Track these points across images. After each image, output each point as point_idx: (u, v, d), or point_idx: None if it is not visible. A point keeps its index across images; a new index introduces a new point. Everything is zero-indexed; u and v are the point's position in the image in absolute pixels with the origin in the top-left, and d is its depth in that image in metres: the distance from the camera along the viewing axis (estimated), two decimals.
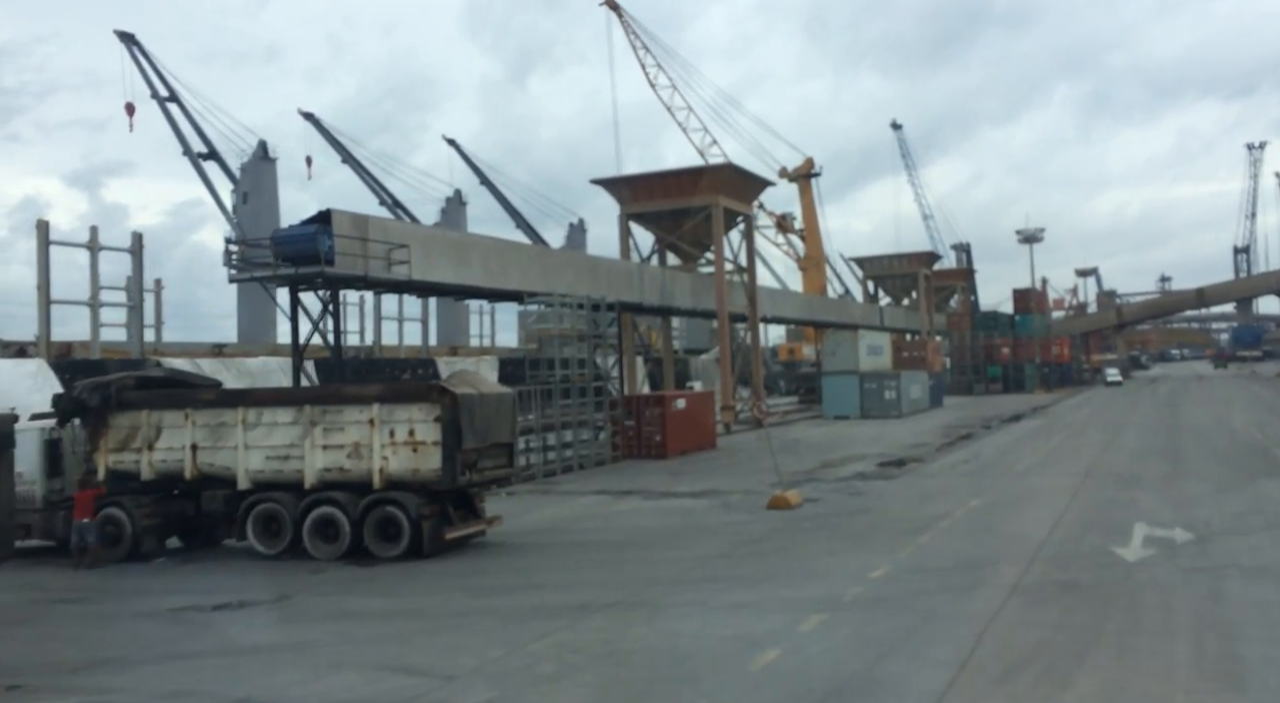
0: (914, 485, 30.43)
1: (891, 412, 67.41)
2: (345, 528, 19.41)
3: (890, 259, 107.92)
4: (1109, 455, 36.82)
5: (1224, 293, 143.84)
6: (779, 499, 26.03)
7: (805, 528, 22.41)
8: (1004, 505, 25.07)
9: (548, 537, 22.39)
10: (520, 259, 41.43)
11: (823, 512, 25.04)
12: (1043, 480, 30.08)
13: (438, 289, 38.13)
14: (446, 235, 36.53)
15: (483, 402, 20.09)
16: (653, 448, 42.82)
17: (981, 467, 35.08)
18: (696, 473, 36.38)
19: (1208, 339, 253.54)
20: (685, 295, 57.41)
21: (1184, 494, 25.90)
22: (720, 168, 56.61)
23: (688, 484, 32.53)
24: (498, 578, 17.68)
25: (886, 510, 25.08)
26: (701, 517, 25.21)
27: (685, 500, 28.67)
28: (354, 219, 32.12)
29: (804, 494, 28.55)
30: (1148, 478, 29.64)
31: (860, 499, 27.43)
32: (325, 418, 19.79)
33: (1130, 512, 23.05)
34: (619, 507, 27.90)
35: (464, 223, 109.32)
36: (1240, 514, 22.44)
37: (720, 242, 57.42)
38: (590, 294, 44.41)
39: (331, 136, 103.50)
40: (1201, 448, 38.37)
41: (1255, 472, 30.19)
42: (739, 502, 27.48)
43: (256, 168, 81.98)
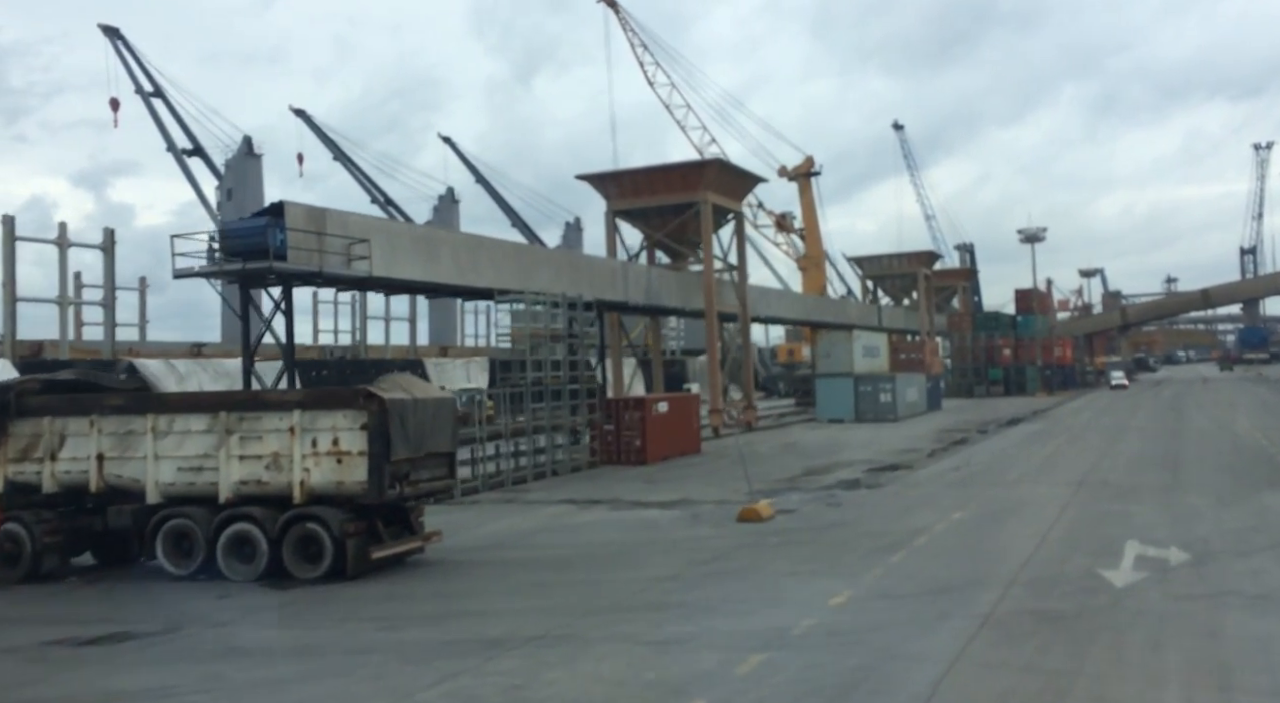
0: (898, 495, 28.79)
1: (887, 415, 65.73)
2: (262, 546, 17.78)
3: (890, 259, 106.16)
4: (1106, 463, 35.13)
5: (1229, 294, 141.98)
6: (749, 511, 24.41)
7: (771, 544, 20.78)
8: (989, 519, 23.42)
9: (493, 554, 20.77)
10: (494, 256, 39.81)
11: (794, 525, 23.40)
12: (1033, 490, 28.42)
13: (404, 287, 36.52)
14: (413, 230, 34.95)
15: (417, 407, 18.46)
16: (632, 453, 41.22)
17: (971, 474, 33.42)
18: (673, 480, 34.75)
19: (1214, 341, 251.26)
20: (673, 295, 55.77)
21: (1182, 507, 24.23)
22: (708, 164, 54.97)
23: (661, 493, 30.93)
24: (419, 605, 16.05)
25: (863, 524, 23.44)
26: (665, 530, 23.59)
27: (653, 511, 27.06)
28: (309, 212, 30.51)
29: (781, 504, 26.97)
30: (1144, 488, 27.97)
31: (838, 511, 25.79)
32: (242, 425, 18.16)
33: (1122, 527, 21.40)
34: (582, 518, 26.28)
35: (457, 221, 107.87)
36: (1241, 531, 20.77)
37: (709, 239, 55.83)
38: (570, 293, 42.85)
39: (323, 134, 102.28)
40: (1203, 455, 36.68)
41: (1259, 482, 28.50)
42: (709, 513, 25.85)
43: (241, 164, 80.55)
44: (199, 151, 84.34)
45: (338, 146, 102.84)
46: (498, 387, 34.72)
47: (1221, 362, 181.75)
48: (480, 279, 38.25)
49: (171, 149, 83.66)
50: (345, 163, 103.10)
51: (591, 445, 41.32)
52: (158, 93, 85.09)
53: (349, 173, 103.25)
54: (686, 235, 57.45)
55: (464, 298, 40.27)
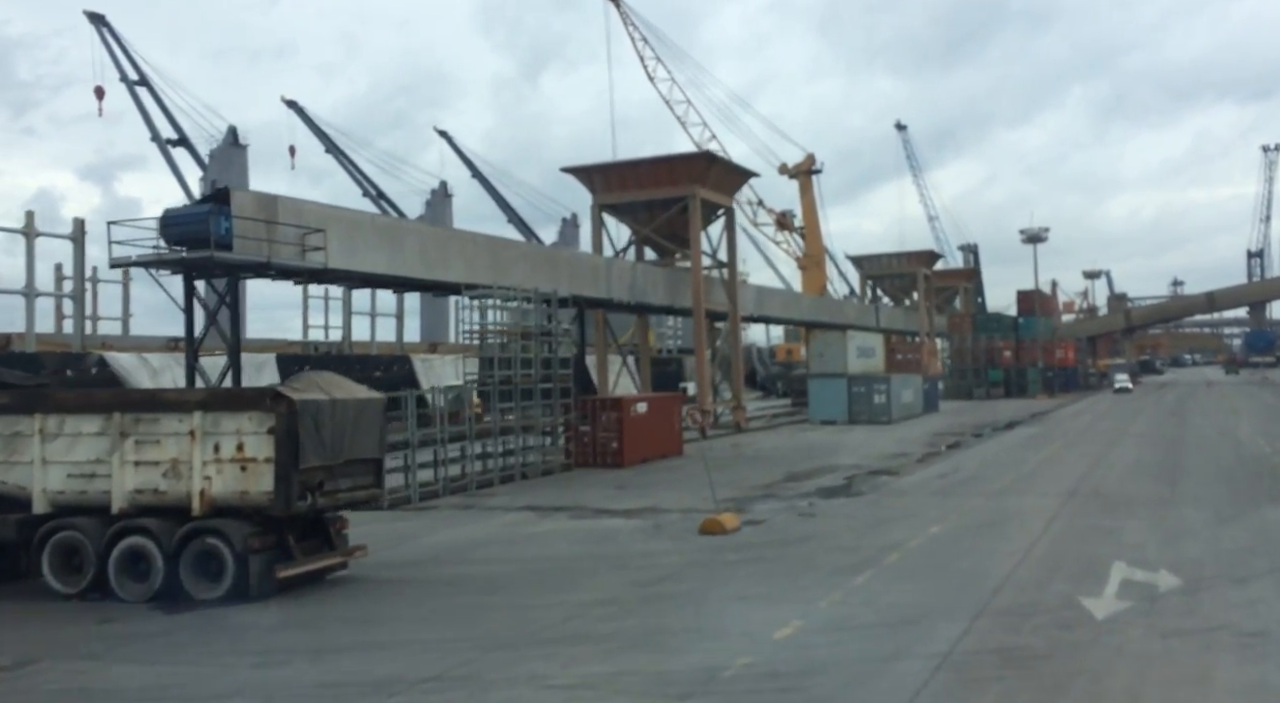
0: (877, 505, 27.14)
1: (881, 417, 64.01)
2: (158, 563, 16.11)
3: (889, 258, 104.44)
4: (1100, 472, 33.45)
5: (1235, 297, 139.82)
6: (712, 523, 22.77)
7: (728, 562, 19.13)
8: (968, 534, 21.75)
9: (424, 570, 19.12)
10: (465, 249, 38.20)
11: (759, 539, 21.75)
12: (1021, 502, 26.74)
13: (365, 280, 34.88)
14: (376, 220, 33.36)
15: (334, 410, 16.81)
16: (609, 456, 39.60)
17: (958, 483, 31.77)
18: (646, 486, 33.14)
19: (1220, 344, 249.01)
20: (660, 292, 54.17)
21: (1176, 524, 22.55)
22: (696, 157, 53.35)
23: (629, 500, 29.30)
24: (314, 634, 14.38)
25: (833, 538, 21.79)
26: (621, 543, 21.95)
27: (616, 521, 25.44)
28: (259, 199, 28.91)
29: (752, 514, 25.42)
30: (1138, 501, 26.28)
31: (809, 523, 24.14)
32: (138, 429, 16.50)
33: (1110, 546, 19.73)
34: (537, 528, 24.63)
35: (449, 216, 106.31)
36: (1240, 552, 19.09)
37: (697, 235, 54.25)
38: (548, 289, 41.25)
39: (316, 126, 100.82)
40: (1203, 464, 34.97)
41: (1259, 495, 26.81)
42: (672, 524, 24.21)
43: (226, 155, 78.95)
44: (184, 142, 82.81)
45: (330, 139, 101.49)
46: (464, 386, 33.01)
47: (1227, 365, 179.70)
48: (449, 273, 36.65)
49: (156, 139, 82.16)
50: (337, 155, 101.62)
51: (567, 448, 39.74)
52: (143, 81, 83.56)
53: (341, 166, 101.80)
54: (675, 231, 55.87)
55: (432, 292, 38.58)
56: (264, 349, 69.13)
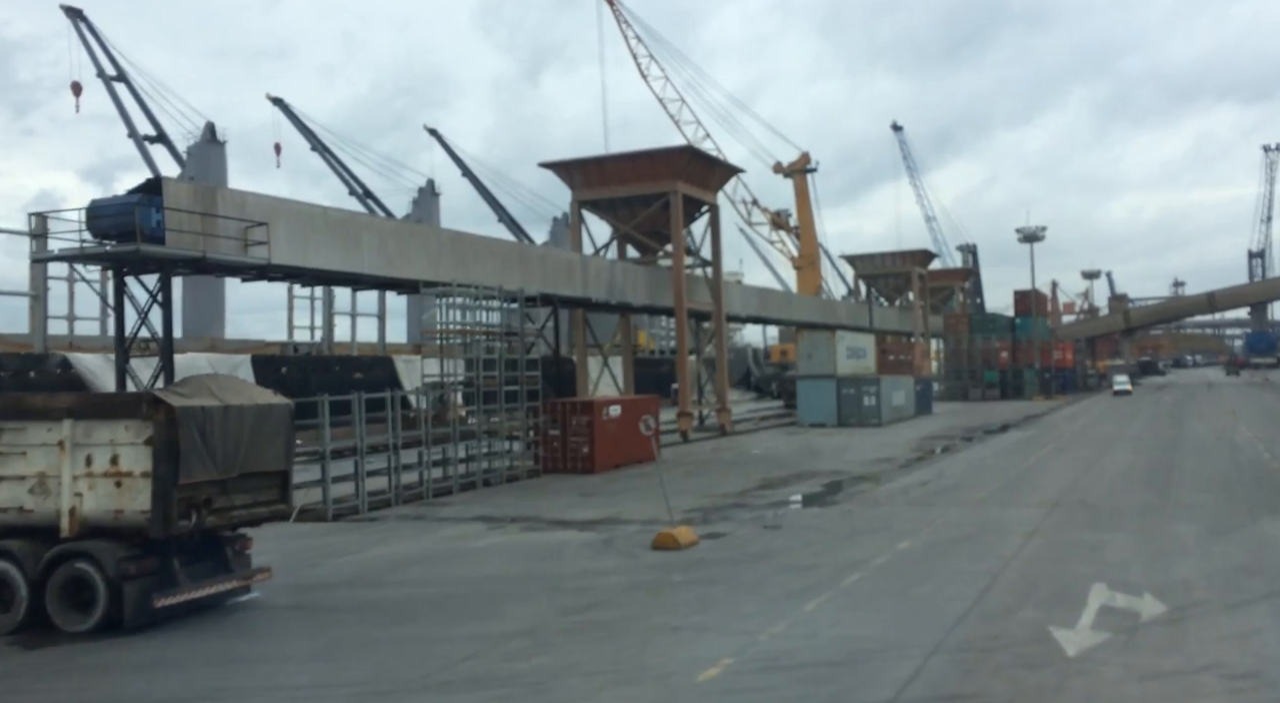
0: (849, 516, 25.47)
1: (870, 419, 62.31)
2: (21, 591, 14.42)
3: (883, 258, 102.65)
4: (1089, 479, 31.77)
5: (1236, 297, 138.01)
6: (666, 538, 21.11)
7: (672, 584, 17.45)
8: (939, 550, 20.06)
9: (334, 595, 17.40)
10: (428, 245, 36.57)
11: (714, 556, 20.07)
12: (1002, 513, 25.05)
13: (319, 277, 33.19)
14: (329, 214, 31.65)
15: (226, 418, 15.11)
16: (579, 461, 37.94)
17: (939, 491, 30.10)
18: (613, 493, 31.52)
19: (1221, 346, 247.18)
20: (640, 290, 52.50)
21: (1166, 538, 20.87)
22: (676, 151, 51.65)
23: (590, 509, 27.68)
24: (177, 678, 12.62)
25: (793, 555, 20.10)
26: (565, 561, 20.26)
27: (570, 533, 23.77)
28: (196, 190, 27.33)
29: (714, 527, 23.89)
30: (1127, 511, 24.60)
31: (771, 537, 22.45)
32: (1, 439, 14.85)
33: (1092, 564, 18.07)
34: (482, 542, 22.94)
35: (436, 214, 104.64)
36: (1233, 572, 17.41)
37: (679, 232, 52.56)
38: (522, 287, 39.63)
39: (301, 123, 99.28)
40: (1198, 471, 33.27)
41: (1257, 505, 25.12)
42: (628, 537, 22.53)
43: (204, 151, 77.23)
44: (163, 138, 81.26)
45: (316, 137, 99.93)
46: (420, 389, 31.34)
47: (1228, 367, 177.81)
48: (411, 270, 35.03)
49: (134, 135, 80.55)
50: (323, 154, 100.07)
51: (536, 453, 38.11)
52: (120, 77, 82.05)
53: (327, 164, 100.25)
54: (657, 228, 54.23)
55: (392, 290, 36.91)
56: (239, 350, 67.62)
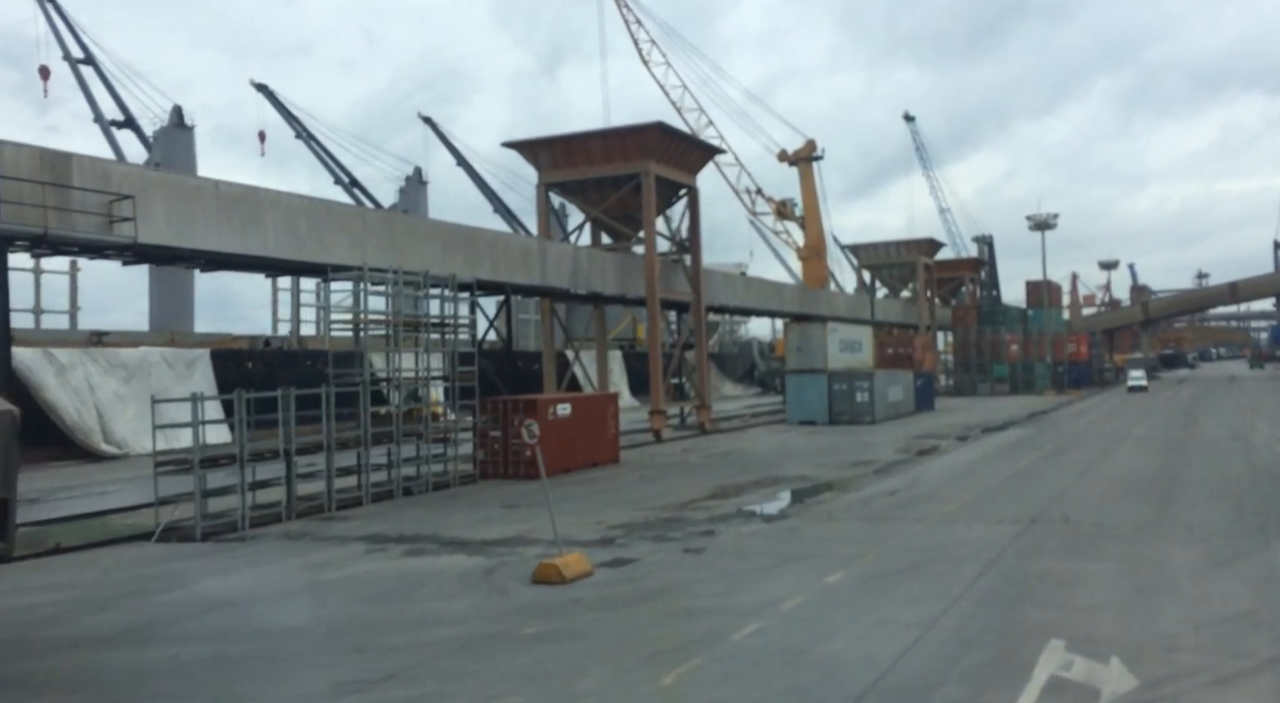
0: (789, 536, 21.84)
1: (864, 417, 58.58)
2: None
3: (886, 247, 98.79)
4: (1081, 488, 28.03)
5: (1259, 287, 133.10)
6: (548, 570, 17.50)
7: (520, 638, 13.86)
8: (871, 587, 16.39)
9: (79, 658, 13.74)
10: (350, 225, 33.07)
11: (598, 594, 16.47)
12: (966, 531, 21.35)
13: (212, 260, 29.62)
14: (222, 189, 28.15)
15: None
16: (522, 465, 34.35)
17: (906, 502, 26.41)
18: (541, 505, 27.84)
19: (1247, 338, 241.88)
20: (609, 278, 48.98)
21: (1155, 570, 17.15)
22: (647, 128, 47.92)
23: (501, 526, 24.15)
24: None
25: (694, 593, 16.48)
26: (416, 601, 16.68)
27: (456, 558, 20.25)
28: (43, 157, 23.74)
29: (630, 549, 20.49)
30: (1114, 531, 20.87)
31: (684, 565, 18.84)
32: None
33: (1054, 609, 14.41)
34: (341, 572, 19.33)
35: (424, 204, 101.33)
36: (1232, 622, 13.71)
37: (650, 215, 48.96)
38: (467, 274, 36.27)
39: (286, 111, 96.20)
40: (1206, 478, 29.46)
41: (1270, 522, 21.36)
42: (515, 566, 18.94)
43: (170, 136, 73.99)
44: (131, 123, 78.07)
45: (300, 124, 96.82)
46: (327, 387, 27.78)
47: (1252, 360, 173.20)
48: (328, 253, 31.56)
49: (99, 120, 77.39)
50: (307, 142, 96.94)
51: (475, 456, 34.63)
52: (88, 60, 78.88)
53: (312, 152, 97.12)
54: (630, 212, 50.66)
55: (304, 275, 33.36)
56: (202, 344, 64.18)
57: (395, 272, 30.08)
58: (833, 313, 78.18)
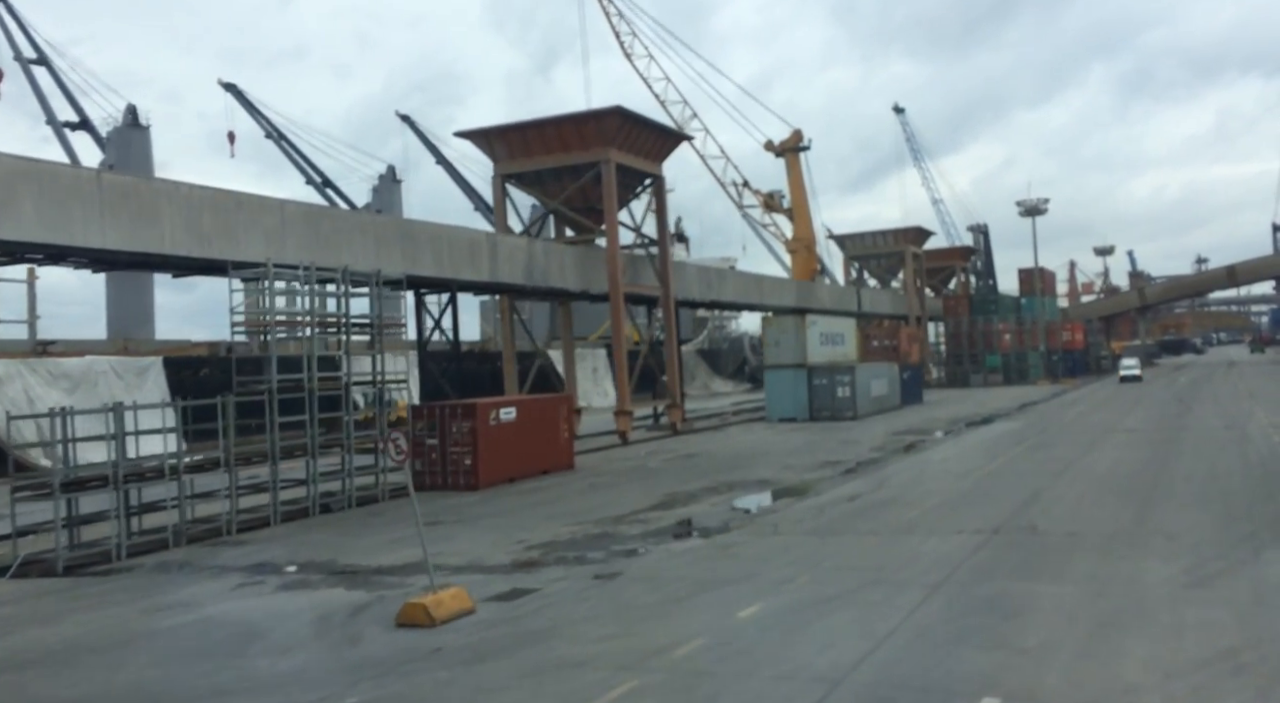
0: (720, 554, 19.35)
1: (845, 413, 56.02)
2: None
3: (873, 237, 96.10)
4: (1057, 488, 25.51)
5: (1258, 270, 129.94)
6: (415, 612, 14.97)
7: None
8: (788, 624, 13.86)
9: None
10: (265, 220, 30.47)
11: (464, 641, 13.98)
12: (920, 545, 18.85)
13: (99, 258, 27.00)
14: (106, 180, 25.66)
15: None
16: (461, 475, 31.92)
17: (864, 509, 23.92)
18: (465, 522, 25.50)
19: (1247, 322, 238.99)
20: (569, 273, 46.41)
21: (1124, 592, 14.62)
22: (606, 113, 45.36)
23: (412, 548, 21.44)
24: None
25: (579, 636, 13.97)
26: (251, 652, 14.20)
27: (335, 592, 17.84)
28: None
29: (534, 578, 18.01)
30: (1085, 542, 18.34)
31: (581, 599, 16.33)
32: None
33: (995, 651, 11.91)
34: (192, 615, 16.77)
35: (398, 204, 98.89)
36: (1211, 664, 11.20)
37: (612, 206, 46.40)
38: (406, 270, 33.90)
39: (255, 109, 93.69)
40: (1195, 474, 26.94)
41: (1262, 527, 18.85)
42: (393, 601, 16.38)
43: (125, 136, 71.49)
44: (86, 125, 75.57)
45: (271, 124, 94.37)
46: (227, 395, 25.27)
47: (1252, 344, 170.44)
48: (239, 250, 29.01)
49: (52, 122, 74.92)
50: (278, 141, 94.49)
51: (411, 465, 32.08)
52: (41, 60, 76.38)
53: (282, 151, 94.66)
54: (592, 204, 48.08)
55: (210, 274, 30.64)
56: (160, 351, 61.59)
57: (307, 268, 27.53)
58: (817, 305, 75.56)
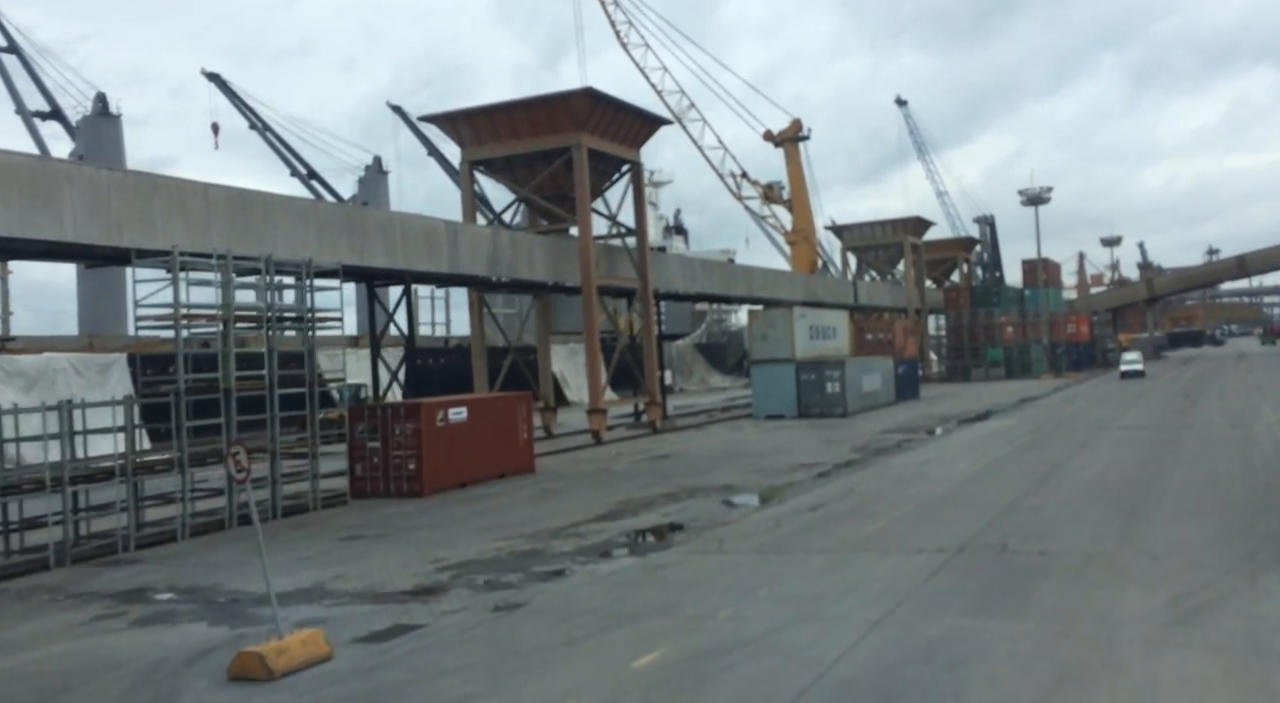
0: (644, 580, 17.09)
1: (835, 409, 53.61)
2: None
3: (871, 227, 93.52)
4: (1040, 495, 23.15)
5: (1268, 260, 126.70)
6: (248, 662, 12.65)
7: None
8: (686, 679, 11.56)
9: None
10: (186, 205, 28.06)
11: (294, 700, 11.68)
12: (870, 568, 16.52)
13: None
14: None
15: None
16: (405, 481, 29.68)
17: (820, 522, 21.63)
18: (390, 535, 23.27)
19: (1259, 314, 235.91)
20: (538, 264, 44.11)
21: (1092, 633, 12.28)
22: (576, 95, 43.07)
23: (315, 569, 19.46)
24: None
25: (430, 696, 11.68)
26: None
27: (194, 629, 15.61)
28: None
29: (428, 608, 15.66)
30: (1057, 565, 15.98)
31: (464, 640, 14.02)
32: None
33: None
34: (4, 662, 14.56)
35: (385, 196, 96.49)
36: None
37: (584, 193, 44.14)
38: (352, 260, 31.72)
39: (239, 99, 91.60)
40: (1192, 479, 24.55)
41: (1261, 546, 16.47)
42: (248, 643, 14.09)
43: (95, 125, 69.30)
44: (57, 115, 73.49)
45: (255, 114, 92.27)
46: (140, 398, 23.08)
47: (1263, 336, 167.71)
48: (155, 239, 26.70)
49: (21, 111, 72.89)
50: (261, 132, 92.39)
51: (351, 471, 30.01)
52: (12, 48, 74.28)
53: (265, 142, 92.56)
54: (565, 192, 45.74)
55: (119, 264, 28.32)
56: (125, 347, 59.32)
57: (222, 256, 25.25)
58: (810, 297, 73.10)
